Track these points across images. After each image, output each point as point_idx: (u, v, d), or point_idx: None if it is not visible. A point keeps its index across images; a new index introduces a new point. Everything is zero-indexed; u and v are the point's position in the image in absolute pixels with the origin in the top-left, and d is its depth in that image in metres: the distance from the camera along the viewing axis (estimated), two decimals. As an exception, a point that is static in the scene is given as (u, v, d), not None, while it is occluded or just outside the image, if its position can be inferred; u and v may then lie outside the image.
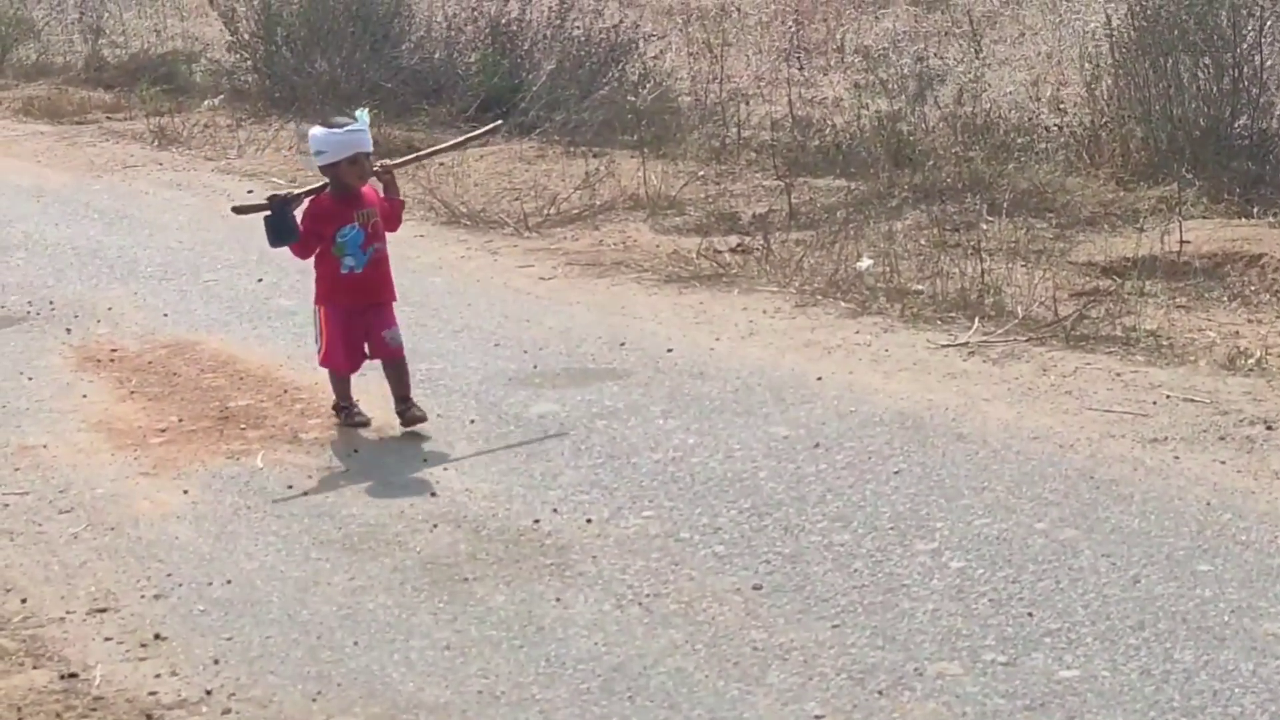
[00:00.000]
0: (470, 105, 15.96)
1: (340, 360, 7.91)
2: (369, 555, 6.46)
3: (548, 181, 13.04)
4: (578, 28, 16.53)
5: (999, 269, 9.77)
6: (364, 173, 7.86)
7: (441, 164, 14.01)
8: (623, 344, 8.98)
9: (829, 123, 14.09)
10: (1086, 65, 13.10)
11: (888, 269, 9.98)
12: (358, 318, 7.87)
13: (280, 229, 7.69)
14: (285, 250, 11.45)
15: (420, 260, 11.11)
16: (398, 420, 7.77)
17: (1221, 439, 7.16)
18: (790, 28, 18.07)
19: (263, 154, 15.64)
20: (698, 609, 5.83)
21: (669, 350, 8.82)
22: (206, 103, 18.08)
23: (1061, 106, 13.34)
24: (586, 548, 6.42)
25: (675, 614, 5.81)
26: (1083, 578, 5.89)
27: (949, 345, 8.66)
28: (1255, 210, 10.72)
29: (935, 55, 15.70)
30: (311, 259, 7.96)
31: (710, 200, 12.34)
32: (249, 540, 6.69)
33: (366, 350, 7.91)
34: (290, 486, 7.21)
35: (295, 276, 10.85)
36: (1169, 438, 7.20)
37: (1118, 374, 8.06)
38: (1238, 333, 8.53)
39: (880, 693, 5.18)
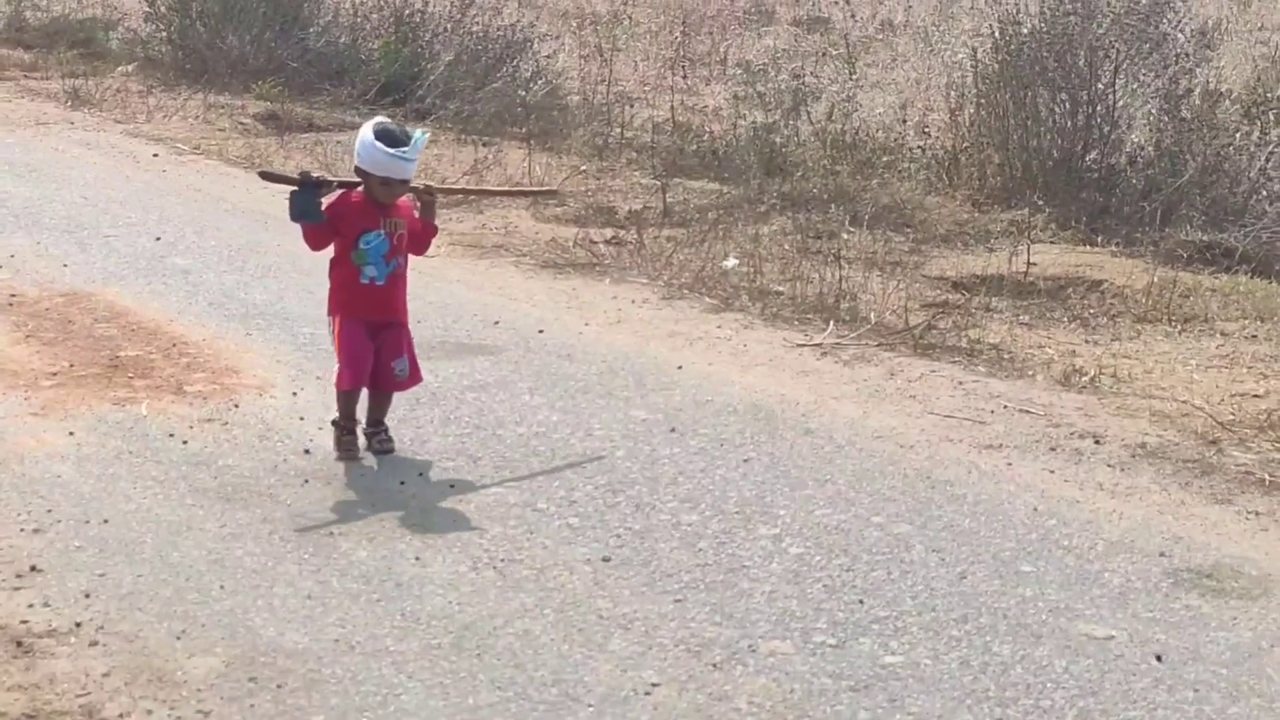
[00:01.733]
0: (371, 89, 15.98)
1: (361, 378, 6.92)
2: (241, 505, 6.40)
3: (438, 165, 12.95)
4: (477, 23, 16.57)
5: (856, 277, 9.80)
6: (393, 195, 6.91)
7: (338, 141, 13.94)
8: (497, 322, 8.93)
9: (707, 129, 14.15)
10: (952, 93, 13.20)
11: (752, 269, 9.98)
12: (372, 335, 6.93)
13: (303, 206, 6.85)
14: (182, 211, 11.47)
15: (311, 230, 11.03)
16: (365, 440, 6.98)
17: (1052, 449, 7.19)
18: (677, 38, 18.13)
19: (170, 120, 15.50)
20: (548, 576, 5.80)
21: (540, 331, 8.79)
22: (120, 69, 17.90)
23: (926, 130, 13.43)
24: (447, 512, 6.38)
25: (527, 579, 5.78)
26: (913, 570, 5.90)
27: (804, 345, 8.68)
28: (1099, 239, 10.82)
29: (812, 74, 15.77)
30: (327, 265, 7.05)
31: (590, 194, 12.34)
32: (128, 483, 6.60)
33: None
34: (171, 435, 7.12)
35: (192, 238, 10.77)
36: (1003, 445, 7.24)
37: (960, 382, 8.09)
38: (1074, 352, 8.58)
39: (715, 666, 5.17)
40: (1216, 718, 4.91)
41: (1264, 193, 11.14)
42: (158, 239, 10.74)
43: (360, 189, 6.93)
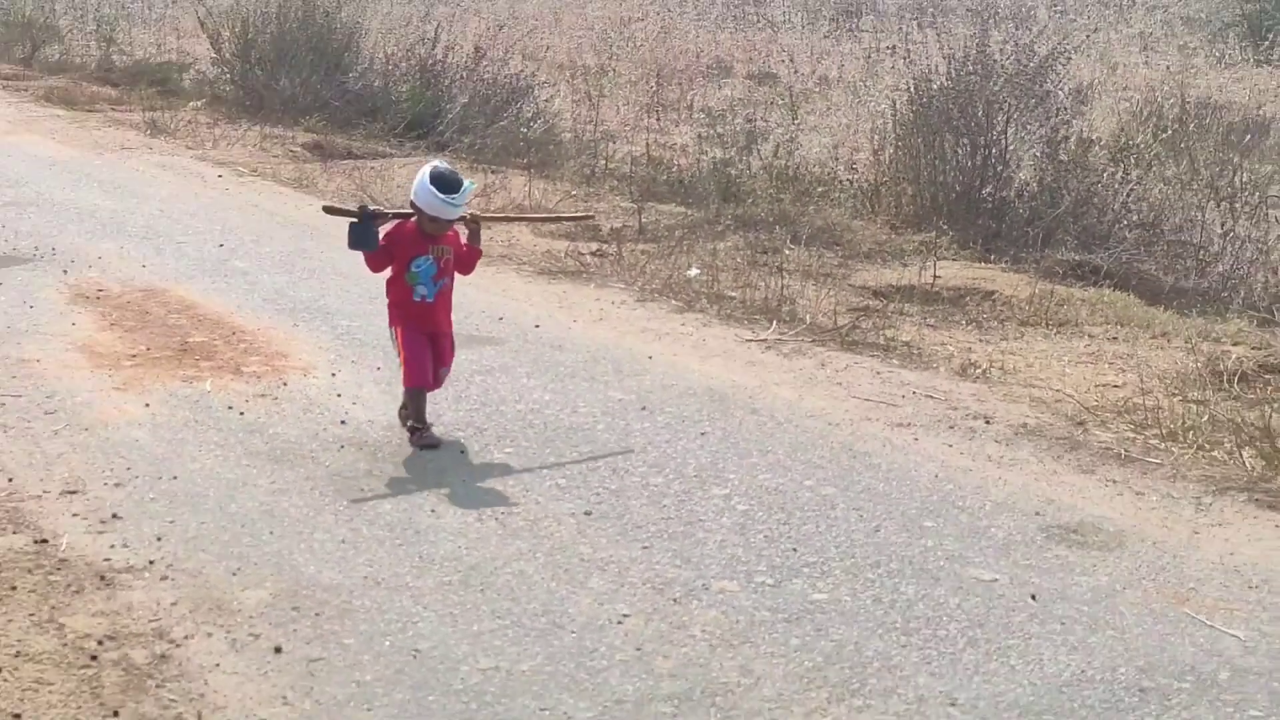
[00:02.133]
0: (399, 124, 15.91)
1: (425, 376, 6.74)
2: (288, 466, 6.40)
3: (454, 189, 12.93)
4: (488, 72, 16.53)
5: (795, 285, 9.81)
6: (440, 230, 6.70)
7: (371, 167, 13.91)
8: (500, 319, 8.92)
9: (675, 163, 14.13)
10: (875, 136, 13.20)
11: (710, 278, 9.98)
12: (430, 341, 6.81)
13: (362, 236, 6.65)
14: (241, 222, 11.43)
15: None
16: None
17: (951, 428, 7.22)
18: (652, 87, 18.10)
19: (232, 148, 15.44)
20: (540, 526, 5.82)
21: (536, 326, 8.79)
22: (191, 104, 17.84)
23: (853, 166, 13.43)
24: (458, 473, 6.39)
25: (522, 529, 5.79)
26: (836, 525, 5.92)
27: (752, 340, 8.68)
28: (992, 257, 10.82)
29: (761, 118, 15.78)
30: (385, 283, 6.90)
31: (499, 209, 12.24)
32: (194, 447, 6.61)
33: None
34: (230, 407, 7.12)
35: (249, 245, 10.75)
36: (912, 424, 7.25)
37: (877, 372, 8.11)
38: (970, 349, 8.60)
39: (675, 600, 5.19)
40: (1079, 646, 4.94)
41: (1125, 222, 11.16)
42: (221, 245, 10.71)
43: (413, 219, 6.72)
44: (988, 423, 7.29)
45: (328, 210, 7.24)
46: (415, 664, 4.69)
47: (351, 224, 6.70)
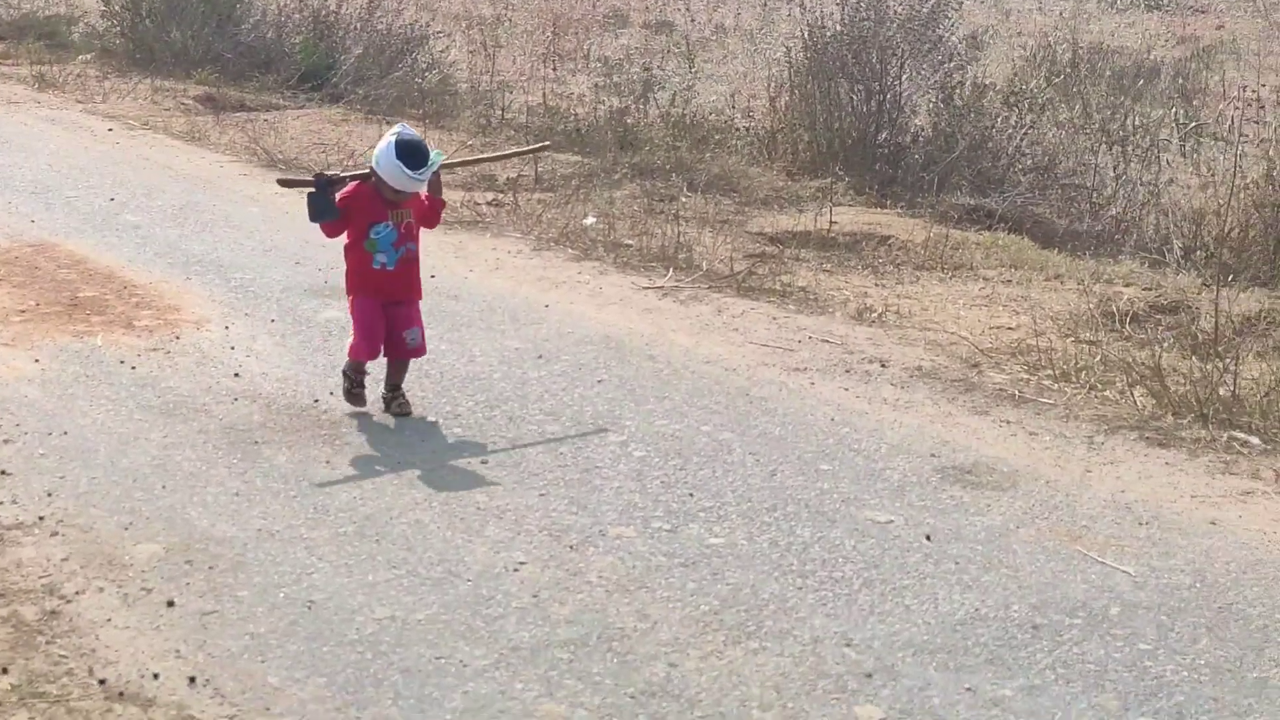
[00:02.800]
0: (293, 76, 15.72)
1: (371, 350, 6.44)
2: (180, 419, 6.31)
3: (349, 140, 12.79)
4: (382, 22, 16.36)
5: (691, 233, 9.79)
6: (401, 199, 6.36)
7: (265, 120, 13.73)
8: (396, 269, 8.84)
9: (573, 112, 14.04)
10: (771, 84, 13.18)
11: (607, 226, 9.95)
12: (385, 311, 6.46)
13: (321, 207, 6.35)
14: (132, 176, 11.25)
15: (242, 193, 10.88)
16: (383, 405, 6.52)
17: (847, 372, 7.24)
18: (549, 37, 17.98)
19: (122, 101, 15.13)
20: (436, 476, 5.78)
21: (432, 276, 8.57)
22: (80, 57, 17.50)
23: (750, 114, 13.42)
24: (354, 423, 6.34)
25: (418, 478, 5.76)
26: (733, 469, 5.93)
27: (649, 288, 8.66)
28: (888, 202, 10.87)
29: (658, 67, 15.71)
30: (343, 249, 6.55)
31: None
32: (85, 402, 6.50)
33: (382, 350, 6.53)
34: (122, 362, 7.01)
35: (141, 199, 10.58)
36: (808, 368, 7.27)
37: (774, 318, 8.12)
38: (866, 294, 8.63)
39: (572, 547, 5.17)
40: (973, 585, 4.98)
41: (1019, 166, 11.26)
42: (111, 199, 10.52)
43: (371, 180, 6.33)
44: (883, 366, 7.32)
45: (282, 183, 6.99)
46: (310, 615, 4.65)
47: (309, 194, 6.39)
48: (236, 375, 6.88)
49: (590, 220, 10.17)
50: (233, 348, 7.27)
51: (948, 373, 7.24)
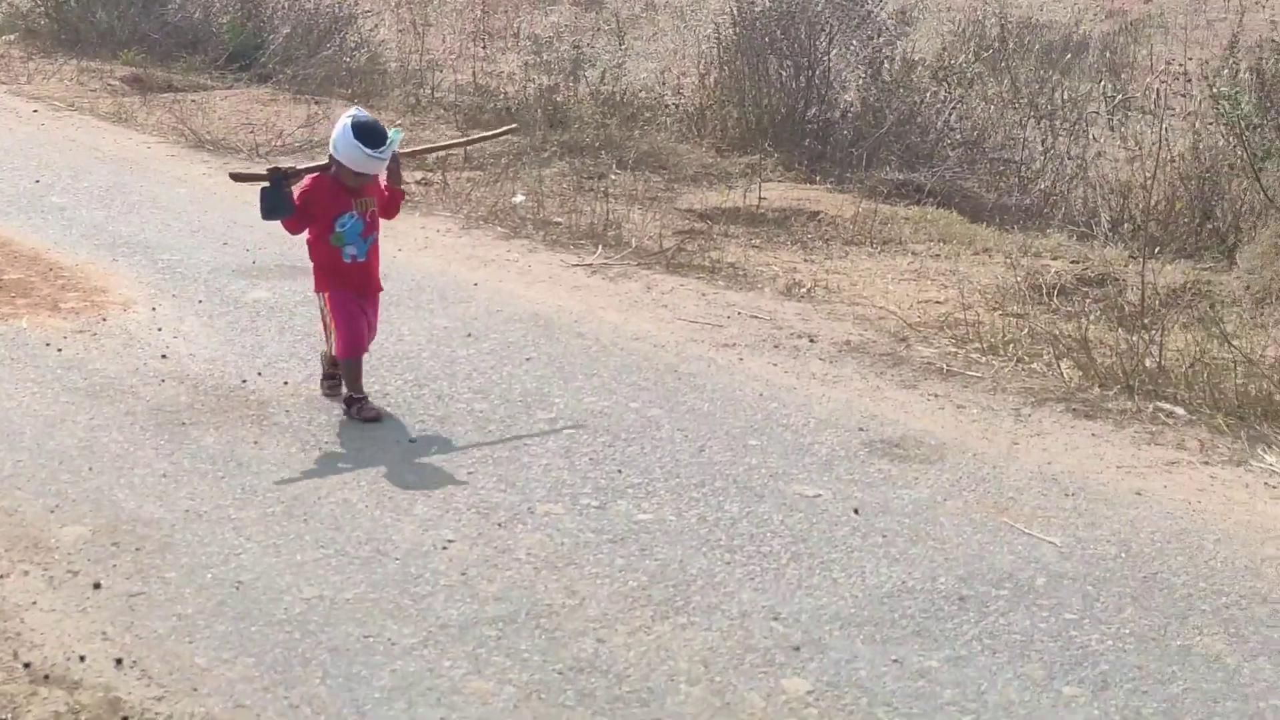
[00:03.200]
0: (221, 56, 15.54)
1: (359, 344, 6.18)
2: (107, 401, 6.26)
3: (277, 120, 12.70)
4: (310, 2, 16.20)
5: (621, 210, 9.78)
6: (363, 183, 6.13)
7: (193, 100, 13.60)
8: (324, 249, 8.79)
9: (503, 91, 13.98)
10: (701, 61, 13.18)
11: (536, 204, 9.92)
12: (361, 303, 6.25)
13: (275, 202, 6.05)
14: (58, 158, 11.12)
15: (169, 174, 10.78)
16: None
17: (776, 347, 7.26)
18: (478, 15, 17.90)
19: (48, 82, 14.93)
20: (364, 455, 5.77)
21: (360, 256, 8.66)
22: (4, 38, 17.26)
23: (680, 90, 13.40)
24: (282, 404, 6.30)
25: (346, 457, 5.74)
26: (662, 445, 5.94)
27: (578, 265, 8.66)
28: (817, 178, 10.90)
29: (588, 45, 15.65)
30: (307, 246, 6.30)
31: (405, 143, 12.08)
32: (10, 384, 6.43)
33: None
34: (48, 344, 6.93)
35: (67, 180, 10.46)
36: (737, 344, 7.29)
37: (703, 294, 8.13)
38: (795, 269, 8.66)
39: (500, 525, 5.17)
40: (900, 558, 5.02)
41: (947, 141, 11.32)
42: (37, 181, 10.39)
43: (330, 170, 6.13)
44: (812, 341, 7.35)
45: (234, 177, 6.63)
46: (238, 595, 4.63)
47: (263, 189, 6.07)
48: (164, 357, 6.82)
49: (519, 198, 10.15)
50: (160, 329, 7.22)
51: (876, 347, 7.28)
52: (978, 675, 4.29)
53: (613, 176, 10.82)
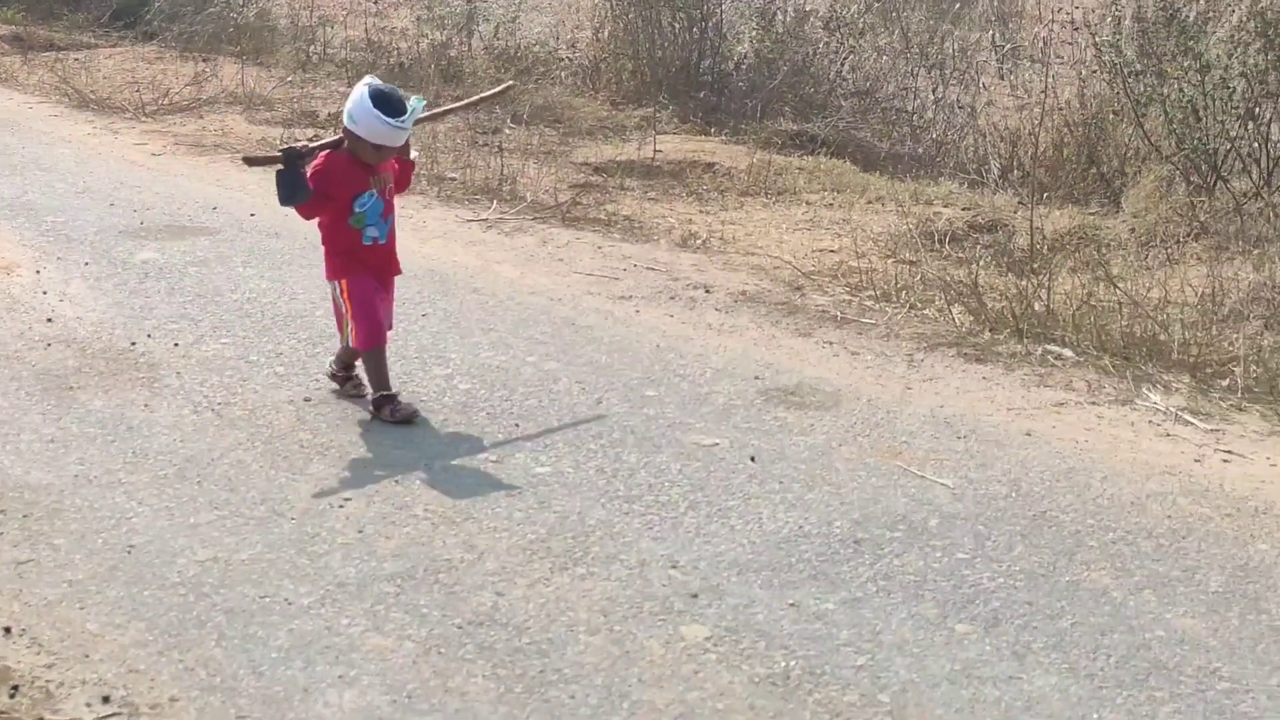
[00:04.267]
0: (104, 13, 15.32)
1: (381, 334, 5.75)
2: (-8, 367, 6.16)
3: (164, 78, 12.53)
4: (197, -44, 15.96)
5: (516, 164, 9.75)
6: (384, 158, 5.67)
7: (75, 59, 13.37)
8: (215, 208, 8.70)
9: (396, 47, 13.87)
10: (595, 14, 13.14)
11: (430, 160, 9.85)
12: (380, 289, 5.83)
13: (292, 186, 5.58)
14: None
15: (53, 135, 10.62)
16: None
17: (672, 298, 7.27)
18: (370, -30, 17.71)
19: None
20: (259, 415, 5.70)
21: (252, 215, 8.57)
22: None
23: (574, 44, 13.36)
24: (173, 365, 6.21)
25: (240, 419, 5.67)
26: (559, 399, 5.93)
27: (473, 220, 8.62)
28: (712, 130, 10.92)
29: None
30: (320, 230, 5.88)
31: (295, 100, 12.01)
32: (-109, 352, 6.31)
33: None
34: (-70, 311, 6.82)
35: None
36: (633, 296, 7.29)
37: (599, 247, 8.12)
38: (691, 220, 8.66)
39: (397, 482, 5.14)
40: (797, 503, 5.04)
41: (840, 91, 11.38)
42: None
43: (343, 146, 5.63)
44: (708, 292, 7.36)
45: (248, 161, 6.12)
46: (130, 560, 4.57)
47: (278, 172, 5.61)
48: (49, 320, 6.71)
49: (413, 155, 10.03)
50: (45, 292, 7.10)
51: (771, 296, 7.30)
52: (873, 616, 4.33)
53: (507, 131, 10.77)
